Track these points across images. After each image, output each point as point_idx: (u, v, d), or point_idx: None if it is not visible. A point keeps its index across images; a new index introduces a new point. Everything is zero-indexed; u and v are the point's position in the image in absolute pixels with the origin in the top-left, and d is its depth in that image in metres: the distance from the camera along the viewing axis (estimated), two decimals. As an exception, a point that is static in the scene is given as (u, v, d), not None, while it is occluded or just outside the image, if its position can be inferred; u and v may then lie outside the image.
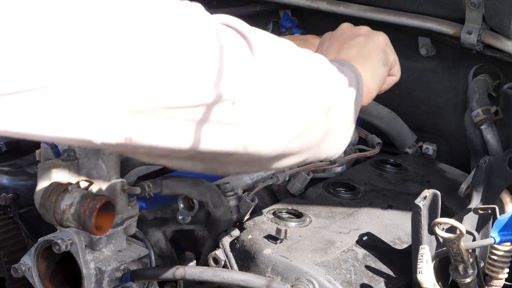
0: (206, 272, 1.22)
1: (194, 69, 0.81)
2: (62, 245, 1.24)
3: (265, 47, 0.91)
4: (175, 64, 0.80)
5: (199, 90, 0.82)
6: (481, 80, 1.69)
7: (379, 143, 1.75)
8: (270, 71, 0.91)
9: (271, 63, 0.92)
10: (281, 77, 0.94)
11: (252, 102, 0.90)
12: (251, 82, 0.88)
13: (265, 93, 0.91)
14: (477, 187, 1.38)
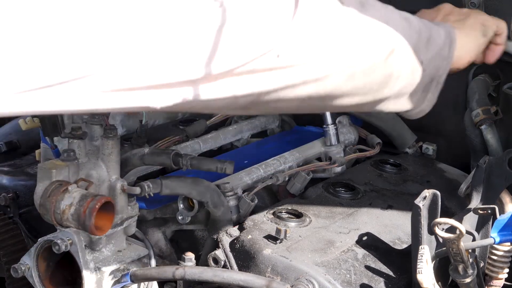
0: (206, 272, 1.21)
1: (240, 29, 0.83)
2: (62, 245, 1.24)
3: (311, 8, 0.92)
4: (227, 26, 0.81)
5: (243, 47, 0.85)
6: (481, 80, 1.69)
7: (379, 143, 1.75)
8: (312, 26, 0.93)
9: (315, 10, 0.93)
10: (326, 22, 0.95)
11: (295, 51, 0.92)
12: (292, 34, 0.90)
13: (307, 41, 0.93)
14: (477, 187, 1.38)
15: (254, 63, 0.87)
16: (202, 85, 0.84)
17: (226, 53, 0.83)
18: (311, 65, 0.96)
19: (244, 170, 1.55)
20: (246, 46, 0.86)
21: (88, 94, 0.75)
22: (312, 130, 1.84)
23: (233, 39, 0.83)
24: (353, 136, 1.75)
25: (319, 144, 1.70)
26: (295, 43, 0.92)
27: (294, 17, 0.90)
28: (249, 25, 0.85)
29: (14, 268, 1.30)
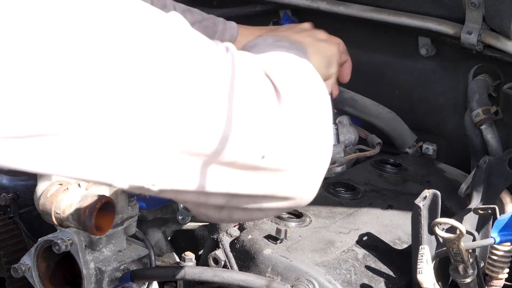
0: (206, 272, 1.22)
1: (212, 119, 0.80)
2: (62, 245, 1.24)
3: (291, 93, 0.90)
4: (202, 114, 0.78)
5: (224, 142, 0.81)
6: (481, 80, 1.69)
7: (379, 143, 1.75)
8: (297, 120, 0.91)
9: (297, 110, 0.91)
10: (307, 124, 0.93)
11: (282, 153, 0.89)
12: (280, 135, 0.88)
13: (295, 144, 0.91)
14: (477, 187, 1.38)
15: (239, 157, 0.84)
16: (175, 168, 0.80)
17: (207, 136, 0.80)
18: (294, 173, 0.93)
19: (244, 170, 1.54)
20: (237, 137, 0.82)
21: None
22: (312, 130, 1.84)
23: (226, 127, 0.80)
24: (353, 136, 1.75)
25: (319, 144, 1.70)
26: (282, 144, 0.89)
27: (280, 109, 0.88)
28: (242, 117, 0.83)
29: (14, 268, 1.30)
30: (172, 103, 0.75)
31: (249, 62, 0.89)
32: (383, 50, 1.88)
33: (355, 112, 1.80)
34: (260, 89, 0.87)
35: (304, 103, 0.93)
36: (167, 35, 0.77)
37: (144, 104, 0.73)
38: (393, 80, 1.88)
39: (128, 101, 0.72)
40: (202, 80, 0.79)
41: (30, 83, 0.66)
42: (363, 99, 1.81)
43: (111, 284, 1.28)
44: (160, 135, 0.76)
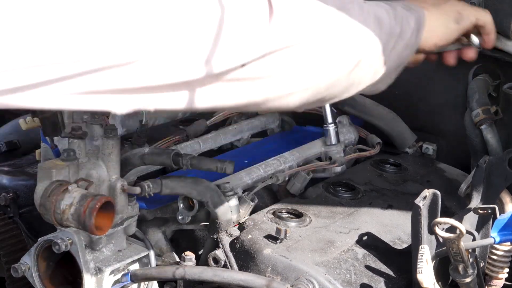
0: (206, 272, 1.22)
1: (202, 35, 0.83)
2: (62, 245, 1.24)
3: (285, 11, 0.92)
4: (182, 33, 0.81)
5: (206, 57, 0.84)
6: (481, 80, 1.68)
7: (379, 143, 1.75)
8: (286, 35, 0.92)
9: (288, 26, 0.93)
10: (297, 41, 0.95)
11: (263, 64, 0.91)
12: (262, 47, 0.90)
13: (277, 55, 0.92)
14: (477, 187, 1.38)
15: (222, 73, 0.87)
16: (166, 93, 0.84)
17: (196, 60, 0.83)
18: (280, 80, 0.96)
19: (244, 170, 1.54)
20: (219, 55, 0.85)
21: (57, 95, 0.76)
22: (312, 130, 1.84)
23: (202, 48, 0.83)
24: (353, 136, 1.75)
25: (319, 144, 1.70)
26: (267, 55, 0.91)
27: (269, 26, 0.90)
28: (226, 33, 0.85)
29: (14, 268, 1.30)
30: (165, 25, 0.79)
31: None
32: (383, 50, 1.87)
33: (355, 112, 1.80)
34: (252, 4, 0.88)
35: (298, 26, 0.95)
36: None
37: (139, 33, 0.76)
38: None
39: (118, 38, 0.75)
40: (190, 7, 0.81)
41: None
42: (363, 99, 1.81)
43: (111, 284, 1.28)
44: (154, 73, 0.80)
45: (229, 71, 0.88)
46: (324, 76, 1.03)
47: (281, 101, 1.01)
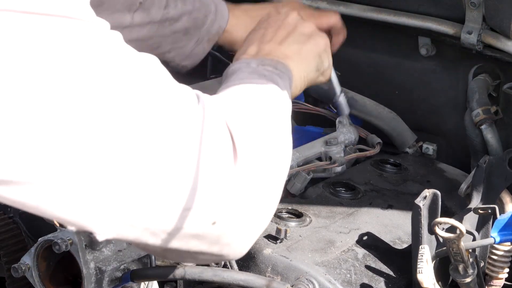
0: (206, 272, 1.21)
1: (174, 186, 0.80)
2: (62, 245, 1.24)
3: (248, 150, 0.89)
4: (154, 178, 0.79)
5: (175, 210, 0.82)
6: (481, 80, 1.69)
7: (379, 143, 1.75)
8: (250, 179, 0.90)
9: (252, 168, 0.91)
10: (261, 182, 0.94)
11: (231, 221, 0.90)
12: (231, 198, 0.87)
13: (243, 207, 0.91)
14: (477, 187, 1.38)
15: (189, 226, 0.85)
16: (125, 227, 0.83)
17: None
18: (236, 235, 0.94)
19: (244, 170, 1.54)
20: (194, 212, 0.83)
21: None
22: (312, 130, 1.84)
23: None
24: (353, 136, 1.75)
25: (319, 144, 1.70)
26: (233, 209, 0.89)
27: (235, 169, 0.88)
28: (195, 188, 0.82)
29: (14, 268, 1.30)
30: (140, 170, 0.77)
31: (215, 115, 0.86)
32: (383, 50, 1.88)
33: (355, 112, 1.80)
34: (219, 147, 0.85)
35: (260, 162, 0.92)
36: (140, 87, 0.76)
37: (111, 168, 0.75)
38: (393, 80, 1.88)
39: (93, 162, 0.73)
40: (172, 139, 0.79)
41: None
42: (363, 99, 1.81)
43: (111, 284, 1.28)
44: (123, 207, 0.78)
45: (199, 224, 0.86)
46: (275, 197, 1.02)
47: (238, 252, 0.99)
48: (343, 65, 1.92)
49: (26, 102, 0.68)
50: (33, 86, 0.68)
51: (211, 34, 1.55)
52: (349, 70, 1.92)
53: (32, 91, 0.68)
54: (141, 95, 0.77)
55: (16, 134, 0.69)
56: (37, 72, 0.68)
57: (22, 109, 0.68)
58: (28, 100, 0.68)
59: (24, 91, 0.68)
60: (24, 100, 0.68)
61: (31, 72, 0.68)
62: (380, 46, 1.88)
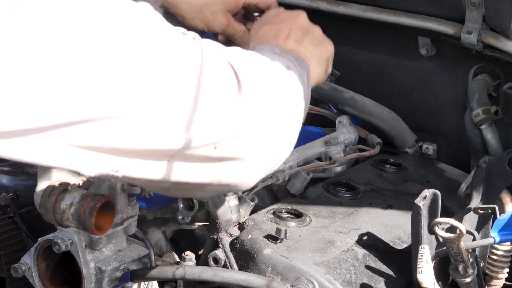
0: (206, 272, 1.22)
1: (178, 112, 0.84)
2: (62, 245, 1.24)
3: (253, 85, 0.93)
4: (159, 107, 0.82)
5: (180, 133, 0.85)
6: (481, 80, 1.69)
7: (379, 143, 1.75)
8: (255, 112, 0.94)
9: (257, 102, 0.94)
10: (266, 116, 0.97)
11: (235, 145, 0.92)
12: (235, 126, 0.91)
13: (248, 135, 0.94)
14: (477, 187, 1.38)
15: (192, 150, 0.88)
16: (135, 160, 0.84)
17: (170, 134, 0.84)
18: (244, 162, 0.96)
19: (244, 170, 1.54)
20: (195, 129, 0.86)
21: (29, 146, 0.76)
22: (312, 130, 1.84)
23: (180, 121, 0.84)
24: (353, 136, 1.75)
25: (319, 144, 1.70)
26: (239, 134, 0.92)
27: (240, 100, 0.91)
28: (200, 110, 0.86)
29: (14, 268, 1.30)
30: (136, 105, 0.79)
31: (214, 52, 0.91)
32: (383, 50, 1.88)
33: (355, 112, 1.80)
34: (222, 79, 0.89)
35: (266, 97, 0.96)
36: (138, 30, 0.80)
37: (113, 100, 0.77)
38: (393, 80, 1.88)
39: (98, 95, 0.76)
40: (166, 79, 0.82)
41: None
42: (363, 99, 1.81)
43: (111, 284, 1.28)
44: (125, 136, 0.80)
45: (202, 148, 0.89)
46: (286, 146, 1.05)
47: (244, 182, 1.01)
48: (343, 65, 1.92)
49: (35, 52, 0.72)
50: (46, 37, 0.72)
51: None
52: (349, 70, 1.92)
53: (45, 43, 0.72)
54: (141, 35, 0.81)
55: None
56: (39, 32, 0.72)
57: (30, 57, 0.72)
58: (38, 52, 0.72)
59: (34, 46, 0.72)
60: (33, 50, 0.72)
61: (33, 33, 0.72)
62: (380, 46, 1.88)
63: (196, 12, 1.63)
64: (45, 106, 0.73)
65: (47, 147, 0.77)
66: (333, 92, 1.83)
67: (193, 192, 1.02)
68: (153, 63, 0.80)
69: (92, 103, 0.76)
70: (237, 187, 1.02)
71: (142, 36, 0.80)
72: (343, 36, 1.93)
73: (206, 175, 0.94)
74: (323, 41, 1.33)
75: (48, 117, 0.74)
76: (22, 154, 0.77)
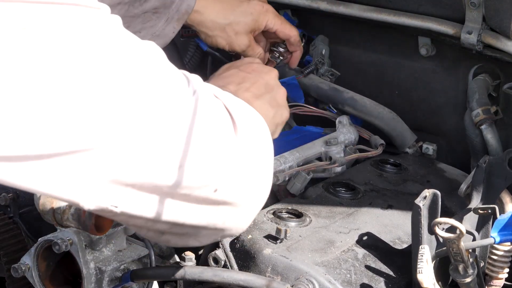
0: (206, 272, 1.21)
1: (173, 148, 0.85)
2: (62, 245, 1.24)
3: (246, 126, 0.96)
4: (161, 145, 0.83)
5: (175, 170, 0.86)
6: (481, 80, 1.69)
7: (382, 144, 1.75)
8: (250, 152, 0.97)
9: (251, 142, 0.97)
10: (257, 155, 0.99)
11: (234, 190, 0.95)
12: (233, 168, 0.93)
13: (245, 180, 0.96)
14: (477, 187, 1.38)
15: (192, 190, 0.89)
16: (134, 194, 0.85)
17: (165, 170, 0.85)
18: (241, 206, 0.98)
19: (244, 170, 1.54)
20: (192, 168, 0.87)
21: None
22: (312, 130, 1.84)
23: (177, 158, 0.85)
24: (353, 136, 1.75)
25: (319, 144, 1.70)
26: (235, 177, 0.94)
27: (236, 139, 0.93)
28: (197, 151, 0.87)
29: (14, 268, 1.30)
30: (139, 138, 0.81)
31: (210, 95, 0.93)
32: (383, 50, 1.88)
33: (355, 112, 1.80)
34: (218, 119, 0.92)
35: (257, 137, 0.99)
36: (139, 68, 0.82)
37: (113, 137, 0.78)
38: (393, 80, 1.88)
39: (97, 125, 0.77)
40: (167, 116, 0.84)
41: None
42: (363, 99, 1.81)
43: (111, 284, 1.28)
44: (127, 168, 0.81)
45: (202, 189, 0.90)
46: (267, 191, 1.06)
47: (238, 228, 1.04)
48: (343, 65, 1.92)
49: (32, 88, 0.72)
50: (42, 71, 0.72)
51: (180, 13, 1.58)
52: (349, 70, 1.92)
53: (41, 77, 0.72)
54: (140, 76, 0.82)
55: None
56: (45, 59, 0.72)
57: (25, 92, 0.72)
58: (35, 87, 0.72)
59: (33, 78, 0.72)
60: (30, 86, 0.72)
61: (39, 59, 0.72)
62: (380, 46, 1.88)
63: (220, 30, 1.66)
64: (46, 133, 0.73)
65: (47, 175, 0.77)
66: (333, 92, 1.83)
67: (187, 238, 1.03)
68: (151, 100, 0.82)
69: (91, 132, 0.76)
70: (230, 232, 1.04)
71: (143, 75, 0.82)
72: (343, 36, 1.93)
73: (202, 218, 0.95)
74: (281, 105, 1.35)
75: (48, 144, 0.74)
76: (21, 180, 0.77)
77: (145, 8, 1.54)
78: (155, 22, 1.56)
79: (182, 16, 1.58)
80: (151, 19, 1.55)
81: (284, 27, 1.72)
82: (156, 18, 1.55)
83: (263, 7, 1.69)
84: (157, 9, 1.54)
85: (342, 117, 1.77)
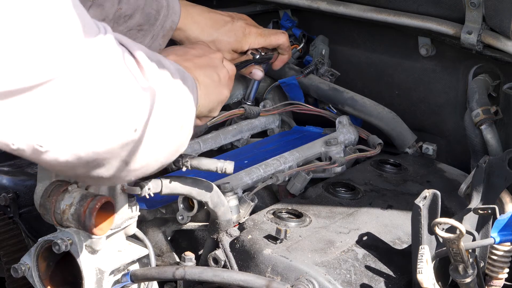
0: (206, 272, 1.22)
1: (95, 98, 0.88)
2: (62, 245, 1.24)
3: (152, 70, 0.99)
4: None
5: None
6: (481, 80, 1.69)
7: (380, 143, 1.75)
8: (162, 95, 0.99)
9: (159, 83, 1.00)
10: (171, 101, 1.03)
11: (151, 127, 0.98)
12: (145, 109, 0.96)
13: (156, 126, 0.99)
14: (477, 187, 1.38)
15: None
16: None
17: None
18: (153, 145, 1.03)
19: (244, 170, 1.54)
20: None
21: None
22: (312, 130, 1.85)
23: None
24: (353, 136, 1.75)
25: (319, 144, 1.70)
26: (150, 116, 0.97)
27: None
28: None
29: (14, 268, 1.30)
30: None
31: (113, 43, 0.93)
32: (383, 50, 1.88)
33: (355, 112, 1.81)
34: (115, 62, 0.92)
35: (173, 84, 1.04)
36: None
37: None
38: (393, 80, 1.88)
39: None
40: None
41: None
42: (363, 99, 1.81)
43: (111, 284, 1.28)
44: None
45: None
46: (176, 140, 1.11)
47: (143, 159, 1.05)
48: (343, 65, 1.92)
49: None
50: None
51: (165, 30, 1.60)
52: (349, 70, 1.92)
53: None
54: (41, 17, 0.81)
55: None
56: None
57: None
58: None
59: None
60: None
61: None
62: (380, 46, 1.88)
63: None
64: None
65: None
66: (333, 92, 1.83)
67: (98, 168, 1.03)
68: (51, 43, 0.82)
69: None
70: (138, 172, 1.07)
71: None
72: (343, 36, 1.93)
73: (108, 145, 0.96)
74: (223, 83, 1.36)
75: None
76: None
77: (130, 25, 1.55)
78: (141, 39, 1.58)
79: (167, 33, 1.60)
80: (137, 36, 1.57)
81: (270, 40, 1.73)
82: (142, 36, 1.57)
83: (245, 30, 1.70)
84: (141, 26, 1.56)
85: (342, 117, 1.77)
